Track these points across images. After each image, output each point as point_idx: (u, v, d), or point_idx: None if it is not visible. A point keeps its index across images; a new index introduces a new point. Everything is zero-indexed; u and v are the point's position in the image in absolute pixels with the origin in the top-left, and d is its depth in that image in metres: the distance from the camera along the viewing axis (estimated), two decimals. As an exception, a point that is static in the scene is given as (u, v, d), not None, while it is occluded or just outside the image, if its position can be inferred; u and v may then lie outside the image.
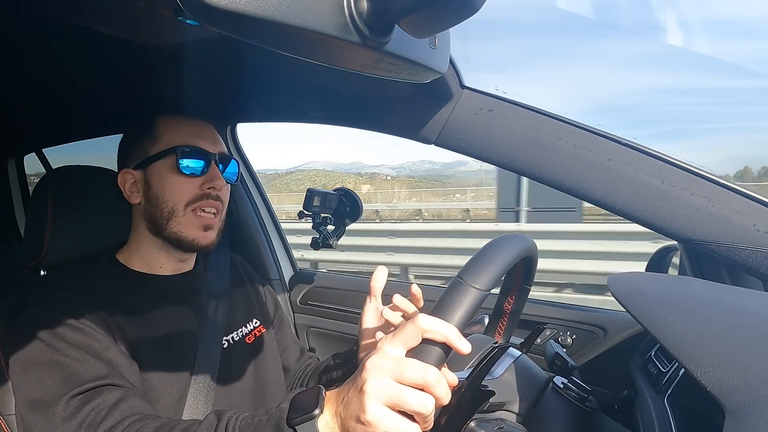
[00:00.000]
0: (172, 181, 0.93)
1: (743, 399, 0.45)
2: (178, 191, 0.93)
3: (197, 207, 0.93)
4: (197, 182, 0.94)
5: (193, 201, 0.93)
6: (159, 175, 0.93)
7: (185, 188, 0.93)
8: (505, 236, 0.73)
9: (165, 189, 0.93)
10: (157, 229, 0.94)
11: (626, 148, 0.84)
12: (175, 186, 0.93)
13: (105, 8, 0.80)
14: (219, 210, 0.96)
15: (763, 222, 0.75)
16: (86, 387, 0.75)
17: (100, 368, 0.79)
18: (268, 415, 0.64)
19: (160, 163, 0.93)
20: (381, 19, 0.52)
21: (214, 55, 1.04)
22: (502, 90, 0.92)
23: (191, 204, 0.93)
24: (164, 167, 0.93)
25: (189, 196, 0.93)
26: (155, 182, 0.94)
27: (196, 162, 0.93)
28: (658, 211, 0.80)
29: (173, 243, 0.95)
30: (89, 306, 0.84)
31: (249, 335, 1.07)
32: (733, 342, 0.52)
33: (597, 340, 1.27)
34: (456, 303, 0.59)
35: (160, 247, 0.96)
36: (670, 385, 0.89)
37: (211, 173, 0.95)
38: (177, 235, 0.93)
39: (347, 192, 1.49)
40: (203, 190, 0.94)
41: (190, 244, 0.94)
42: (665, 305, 0.61)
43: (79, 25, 0.85)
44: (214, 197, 0.95)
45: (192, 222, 0.93)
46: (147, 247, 0.97)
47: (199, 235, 0.94)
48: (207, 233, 0.95)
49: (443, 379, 0.56)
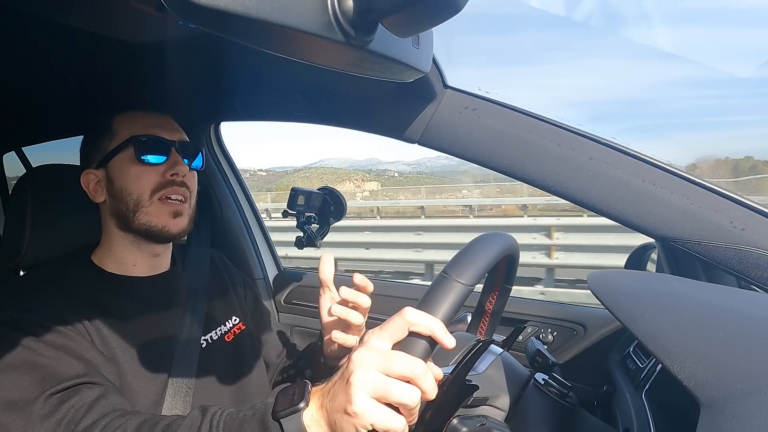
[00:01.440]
0: (133, 172, 0.91)
1: (717, 393, 0.46)
2: (141, 181, 0.91)
3: (163, 195, 0.92)
4: (159, 170, 0.93)
5: (158, 189, 0.92)
6: (120, 169, 0.92)
7: (148, 177, 0.92)
8: (490, 234, 0.74)
9: (127, 181, 0.92)
10: (126, 223, 0.93)
11: (607, 148, 0.85)
12: (137, 177, 0.91)
13: (87, 5, 0.79)
14: (186, 197, 0.95)
15: (739, 219, 0.77)
16: (64, 385, 0.74)
17: (78, 367, 0.78)
18: (254, 410, 0.65)
19: (120, 157, 0.92)
20: (364, 18, 0.53)
21: (197, 54, 1.03)
22: (484, 90, 0.93)
23: (156, 192, 0.92)
24: (124, 160, 0.92)
25: (153, 185, 0.92)
26: (117, 177, 0.92)
27: (155, 150, 0.92)
28: (637, 210, 0.82)
29: (143, 235, 0.93)
30: (66, 308, 0.83)
31: (228, 333, 1.06)
32: (708, 338, 0.53)
33: (577, 336, 1.29)
34: (441, 297, 0.60)
35: (131, 242, 0.95)
36: (647, 380, 0.91)
37: (172, 159, 0.94)
38: (146, 225, 0.92)
39: (331, 191, 1.49)
40: (166, 177, 0.93)
41: (161, 232, 0.93)
42: (643, 302, 0.62)
43: (60, 22, 0.83)
44: (179, 183, 0.94)
45: (160, 210, 0.92)
46: (118, 246, 0.95)
47: (169, 223, 0.93)
48: (177, 220, 0.94)
49: (430, 373, 0.57)
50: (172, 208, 0.93)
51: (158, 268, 1.00)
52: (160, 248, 0.99)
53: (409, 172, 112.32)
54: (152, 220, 0.92)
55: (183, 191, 0.94)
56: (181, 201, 0.94)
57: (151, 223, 0.92)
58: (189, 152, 0.98)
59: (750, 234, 0.76)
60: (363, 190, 62.22)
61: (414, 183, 67.51)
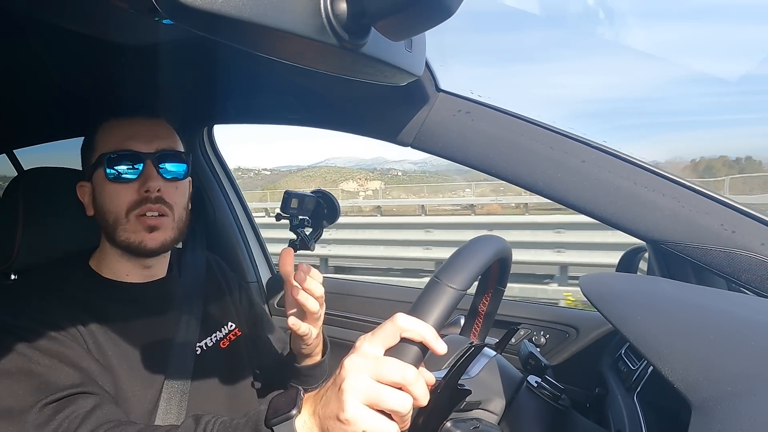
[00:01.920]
0: (108, 190, 0.89)
1: (708, 395, 0.46)
2: (116, 200, 0.89)
3: (139, 212, 0.89)
4: (134, 187, 0.89)
5: (134, 207, 0.89)
6: (98, 186, 0.91)
7: (122, 195, 0.89)
8: (481, 237, 0.74)
9: (105, 199, 0.90)
10: (111, 239, 0.91)
11: (599, 151, 0.86)
12: (111, 195, 0.89)
13: (80, 7, 0.79)
14: (164, 211, 0.91)
15: (730, 222, 0.77)
16: (59, 395, 0.74)
17: (74, 376, 0.77)
18: (247, 418, 0.64)
19: (97, 173, 0.90)
20: (357, 21, 0.53)
21: (190, 56, 1.03)
22: (477, 93, 0.93)
23: (132, 210, 0.89)
24: (99, 177, 0.90)
25: (127, 203, 0.89)
26: (97, 193, 0.91)
27: (125, 167, 0.89)
28: (628, 213, 0.83)
29: (126, 250, 0.92)
30: (61, 314, 0.82)
31: (224, 339, 1.05)
32: (699, 340, 0.53)
33: (570, 339, 1.29)
34: (433, 303, 0.60)
35: (121, 255, 0.94)
36: (639, 382, 0.91)
37: (145, 175, 0.89)
38: (126, 242, 0.90)
39: (324, 194, 1.48)
40: (141, 195, 0.89)
41: (138, 248, 0.90)
42: (634, 305, 0.63)
43: (53, 24, 0.83)
44: (154, 200, 0.90)
45: (136, 227, 0.89)
46: (110, 256, 0.94)
47: (145, 238, 0.90)
48: (153, 234, 0.90)
49: (421, 379, 0.57)
50: (147, 223, 0.90)
51: (153, 276, 0.99)
52: (150, 261, 0.97)
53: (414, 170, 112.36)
54: (130, 237, 0.89)
55: (158, 207, 0.90)
56: (158, 215, 0.91)
57: (130, 239, 0.90)
58: (169, 161, 0.93)
59: (740, 237, 0.76)
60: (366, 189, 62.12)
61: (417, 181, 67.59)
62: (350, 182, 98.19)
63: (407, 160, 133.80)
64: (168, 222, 0.92)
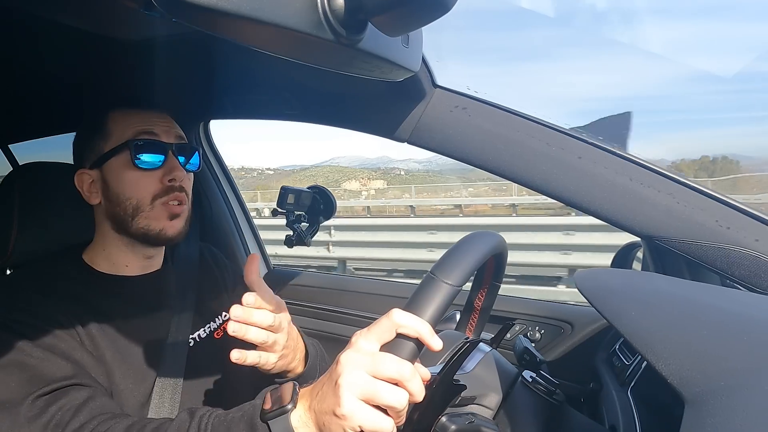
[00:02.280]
0: (130, 177, 0.89)
1: (701, 389, 0.47)
2: (139, 187, 0.90)
3: (165, 200, 0.91)
4: (157, 175, 0.91)
5: (159, 195, 0.91)
6: (116, 173, 0.90)
7: (146, 183, 0.90)
8: (477, 233, 0.74)
9: (125, 186, 0.90)
10: (123, 227, 0.91)
11: (595, 147, 0.86)
12: (134, 182, 0.90)
13: (77, 2, 0.78)
14: (184, 200, 0.94)
15: (725, 218, 0.78)
16: (52, 387, 0.74)
17: (67, 368, 0.77)
18: (242, 412, 0.64)
19: (115, 160, 0.90)
20: (354, 17, 0.53)
21: (187, 51, 1.02)
22: (473, 89, 0.93)
23: (157, 198, 0.90)
24: (120, 164, 0.90)
25: (153, 191, 0.90)
26: (113, 180, 0.90)
27: (152, 154, 0.90)
28: (623, 210, 0.83)
29: (140, 239, 0.92)
30: (54, 307, 0.82)
31: (218, 330, 1.05)
32: (692, 335, 0.53)
33: (564, 334, 1.30)
34: (429, 299, 0.60)
35: (127, 245, 0.94)
36: (633, 377, 0.92)
37: (170, 164, 0.92)
38: (144, 229, 0.90)
39: (321, 189, 1.49)
40: (165, 183, 0.91)
41: (158, 236, 0.91)
42: (628, 300, 0.63)
43: (49, 18, 0.82)
44: (178, 188, 0.92)
45: (160, 214, 0.91)
46: (112, 247, 0.94)
47: (166, 225, 0.91)
48: (173, 222, 0.92)
49: (417, 375, 0.57)
50: (171, 211, 0.92)
51: (150, 268, 0.99)
52: (154, 250, 0.98)
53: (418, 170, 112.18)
54: (151, 223, 0.90)
55: (182, 196, 0.93)
56: (179, 204, 0.93)
57: (150, 226, 0.90)
58: (186, 154, 0.96)
59: (735, 233, 0.77)
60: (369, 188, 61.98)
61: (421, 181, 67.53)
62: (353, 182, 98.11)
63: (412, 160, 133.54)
64: (186, 211, 0.95)
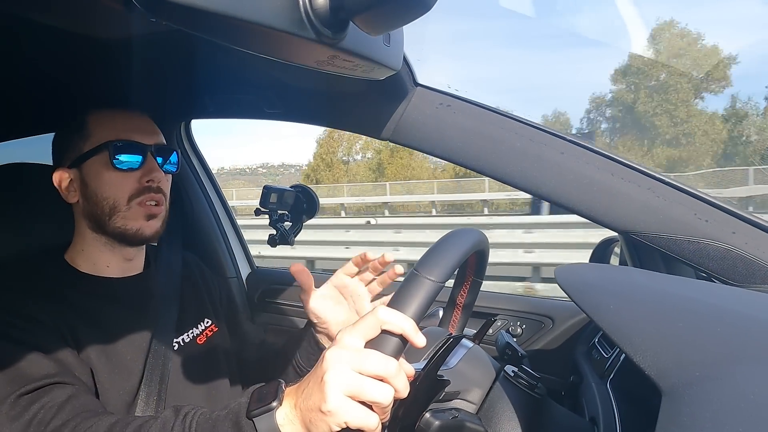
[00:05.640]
0: (108, 177, 0.90)
1: (677, 380, 0.48)
2: (117, 187, 0.90)
3: (141, 201, 0.91)
4: (135, 176, 0.91)
5: (136, 195, 0.91)
6: (94, 173, 0.90)
7: (124, 183, 0.90)
8: (459, 230, 0.75)
9: (103, 186, 0.90)
10: (100, 226, 0.91)
11: (577, 146, 0.88)
12: (113, 182, 0.90)
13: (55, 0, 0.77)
14: (161, 201, 0.94)
15: (702, 212, 0.80)
16: (34, 386, 0.73)
17: (50, 367, 0.76)
18: (227, 410, 0.64)
19: (94, 160, 0.90)
20: (336, 15, 0.53)
21: (167, 50, 1.01)
22: (454, 87, 0.94)
23: (134, 198, 0.91)
24: (98, 164, 0.90)
25: (129, 191, 0.91)
26: (91, 180, 0.91)
27: (131, 156, 0.91)
28: (601, 206, 0.85)
29: (117, 238, 0.92)
30: (38, 307, 0.81)
31: (200, 335, 1.05)
32: (668, 327, 0.55)
33: (545, 329, 1.32)
34: (412, 295, 0.61)
35: (105, 244, 0.93)
36: (612, 369, 0.94)
37: (148, 166, 0.92)
38: (121, 228, 0.91)
39: (304, 188, 1.48)
40: (143, 184, 0.91)
41: (134, 235, 0.92)
42: (607, 294, 0.64)
43: (26, 17, 0.81)
44: (155, 189, 0.93)
45: (136, 214, 0.91)
46: (91, 246, 0.94)
47: (143, 225, 0.92)
48: (150, 222, 0.93)
49: (402, 371, 0.58)
50: (147, 211, 0.92)
51: (131, 270, 0.99)
52: (133, 251, 0.97)
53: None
54: (128, 223, 0.91)
55: (158, 197, 0.93)
56: (156, 204, 0.93)
57: (126, 226, 0.91)
58: (165, 155, 0.97)
59: (713, 226, 0.79)
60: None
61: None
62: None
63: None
64: (162, 212, 0.95)
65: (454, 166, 2.16)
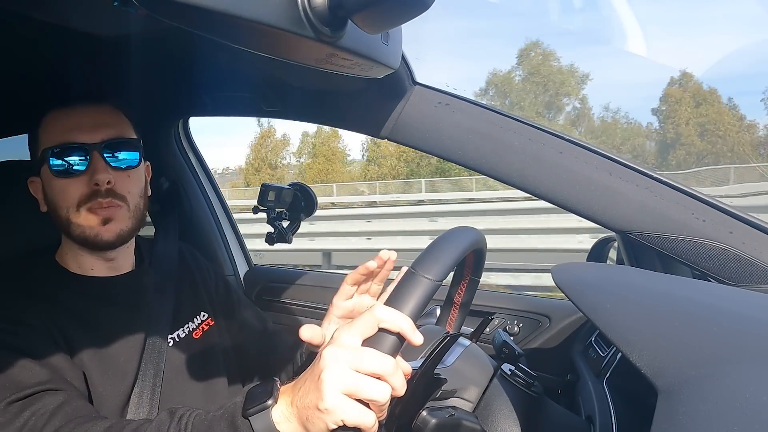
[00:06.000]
0: (56, 186, 0.86)
1: (673, 379, 0.48)
2: (65, 195, 0.85)
3: (89, 206, 0.86)
4: (83, 180, 0.85)
5: (85, 200, 0.85)
6: (46, 182, 0.87)
7: (71, 190, 0.85)
8: (456, 229, 0.75)
9: (54, 194, 0.86)
10: (66, 233, 0.89)
11: (575, 145, 0.88)
12: (59, 190, 0.86)
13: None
14: (112, 204, 0.87)
15: (700, 211, 0.80)
16: (26, 393, 0.72)
17: (41, 373, 0.75)
18: (223, 410, 0.64)
19: (44, 168, 0.86)
20: (334, 14, 0.53)
21: (165, 48, 1.01)
22: (452, 87, 0.94)
23: (84, 204, 0.85)
24: (46, 172, 0.86)
25: (78, 197, 0.85)
26: (47, 189, 0.88)
27: (71, 160, 0.85)
28: (598, 205, 0.85)
29: (83, 244, 0.89)
30: (28, 310, 0.80)
31: (196, 330, 1.03)
32: (664, 327, 0.55)
33: (542, 327, 1.32)
34: (410, 294, 0.61)
35: (80, 249, 0.90)
36: (608, 368, 0.94)
37: (92, 167, 0.85)
38: (82, 236, 0.86)
39: (302, 187, 1.48)
40: (91, 187, 0.85)
41: (95, 241, 0.87)
42: (603, 293, 0.65)
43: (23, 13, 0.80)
44: (104, 193, 0.85)
45: (89, 221, 0.86)
46: (71, 251, 0.91)
47: (100, 230, 0.86)
48: (108, 226, 0.87)
49: (399, 369, 0.58)
50: (101, 216, 0.86)
51: (120, 269, 0.96)
52: (111, 253, 0.93)
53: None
54: (85, 231, 0.86)
55: (108, 201, 0.86)
56: (107, 207, 0.87)
57: (85, 233, 0.86)
58: (118, 150, 0.89)
59: (710, 225, 0.79)
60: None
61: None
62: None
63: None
64: (123, 212, 0.89)
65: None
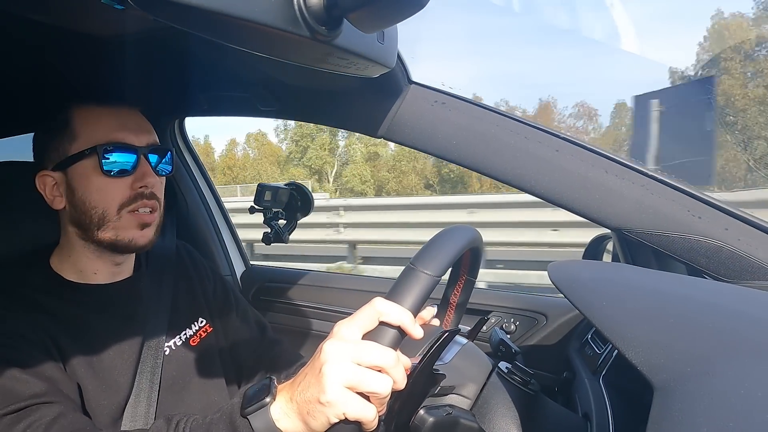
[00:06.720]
0: (98, 184, 0.84)
1: (669, 376, 0.48)
2: (107, 195, 0.84)
3: (133, 209, 0.86)
4: (127, 182, 0.85)
5: (127, 203, 0.85)
6: (82, 178, 0.84)
7: (115, 190, 0.84)
8: (455, 227, 0.76)
9: (92, 193, 0.84)
10: (88, 235, 0.86)
11: (571, 143, 0.88)
12: (102, 189, 0.84)
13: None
14: (155, 207, 0.89)
15: (695, 209, 0.81)
16: (21, 405, 0.70)
17: (36, 385, 0.73)
18: (221, 412, 0.64)
19: (81, 164, 0.84)
20: (330, 13, 0.53)
21: (161, 47, 1.00)
22: (448, 85, 0.95)
23: (125, 207, 0.85)
24: (86, 169, 0.84)
25: (121, 199, 0.85)
26: (79, 186, 0.85)
27: (122, 160, 0.84)
28: (594, 203, 0.85)
29: (108, 247, 0.87)
30: (22, 319, 0.78)
31: (194, 337, 1.01)
32: (660, 324, 0.55)
33: (539, 325, 1.33)
34: (410, 288, 0.61)
35: (93, 252, 0.88)
36: (604, 366, 0.95)
37: (141, 170, 0.86)
38: (112, 239, 0.85)
39: (298, 186, 1.48)
40: (135, 190, 0.85)
41: (128, 245, 0.87)
42: (599, 291, 0.65)
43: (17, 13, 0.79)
44: (149, 195, 0.87)
45: (128, 223, 0.86)
46: (79, 254, 0.89)
47: (136, 235, 0.86)
48: (144, 231, 0.87)
49: (400, 362, 0.58)
50: (141, 220, 0.87)
51: (120, 275, 0.95)
52: (123, 257, 0.93)
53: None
54: (119, 234, 0.85)
55: (152, 203, 0.88)
56: (151, 211, 0.88)
57: (118, 237, 0.86)
58: (159, 156, 0.90)
59: (706, 222, 0.80)
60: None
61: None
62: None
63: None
64: (157, 218, 0.90)
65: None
